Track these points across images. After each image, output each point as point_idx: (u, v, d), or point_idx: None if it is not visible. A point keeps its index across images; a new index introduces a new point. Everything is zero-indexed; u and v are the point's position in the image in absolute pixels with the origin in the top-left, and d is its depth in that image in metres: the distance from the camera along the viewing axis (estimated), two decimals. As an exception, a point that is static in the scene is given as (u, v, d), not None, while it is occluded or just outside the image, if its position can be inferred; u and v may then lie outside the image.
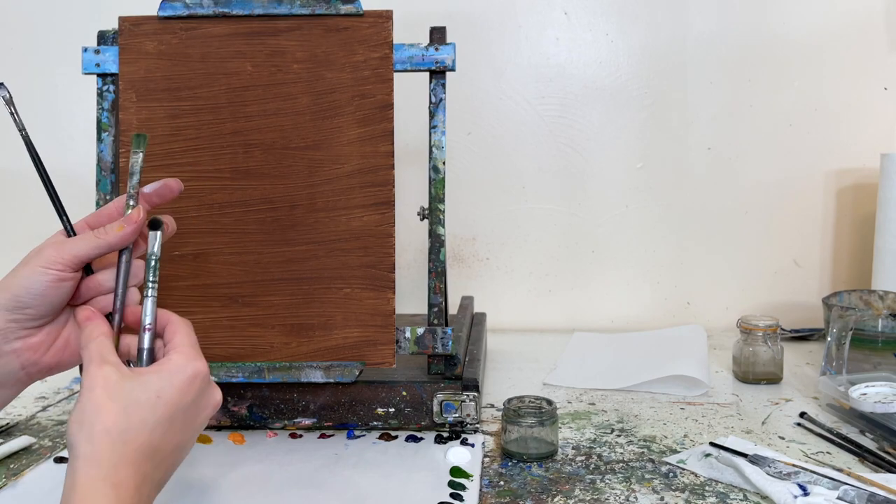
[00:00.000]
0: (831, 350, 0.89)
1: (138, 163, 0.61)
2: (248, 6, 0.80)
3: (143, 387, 0.49)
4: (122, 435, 0.47)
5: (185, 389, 0.51)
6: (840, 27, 1.23)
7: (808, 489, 0.64)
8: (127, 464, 0.47)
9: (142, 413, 0.48)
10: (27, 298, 0.55)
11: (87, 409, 0.47)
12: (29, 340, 0.56)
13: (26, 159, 0.60)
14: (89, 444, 0.47)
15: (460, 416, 0.79)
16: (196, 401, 0.52)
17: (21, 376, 0.57)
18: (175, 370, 0.51)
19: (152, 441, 0.49)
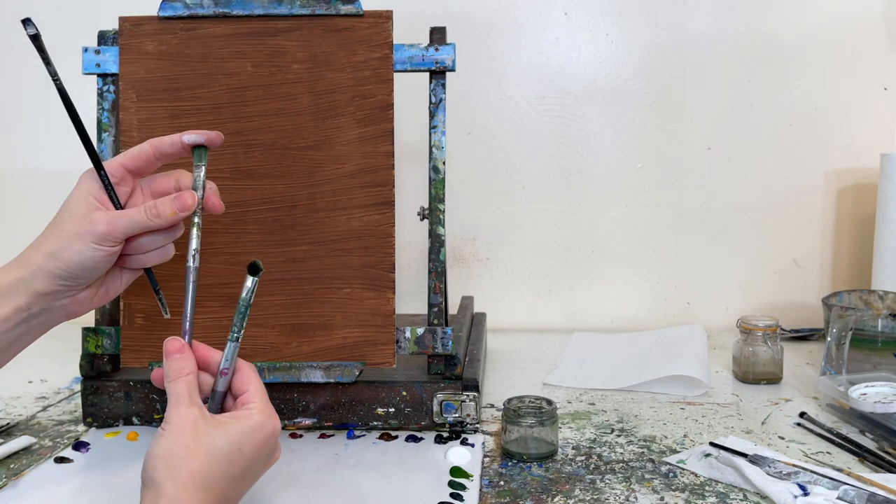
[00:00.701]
0: (831, 350, 0.89)
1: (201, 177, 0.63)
2: (249, 6, 0.80)
3: (227, 437, 0.51)
4: (205, 482, 0.49)
5: (263, 446, 0.53)
6: (840, 27, 1.23)
7: (808, 489, 0.64)
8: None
9: (223, 464, 0.51)
10: (78, 270, 0.59)
11: (176, 450, 0.50)
12: (77, 297, 0.61)
13: (26, 159, 0.60)
14: (174, 486, 0.48)
15: (460, 416, 0.79)
16: (267, 456, 0.55)
17: (63, 320, 0.62)
18: (257, 427, 0.53)
19: (227, 492, 0.51)
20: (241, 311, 0.57)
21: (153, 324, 0.78)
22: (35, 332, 0.61)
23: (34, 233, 0.63)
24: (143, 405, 0.81)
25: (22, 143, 1.31)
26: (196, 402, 0.53)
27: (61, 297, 0.60)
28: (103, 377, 0.82)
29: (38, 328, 0.61)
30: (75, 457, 0.75)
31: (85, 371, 0.81)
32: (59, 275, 0.59)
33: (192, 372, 0.55)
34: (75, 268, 0.59)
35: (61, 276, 0.59)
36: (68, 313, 0.62)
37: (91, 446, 0.77)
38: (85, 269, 0.59)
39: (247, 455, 0.52)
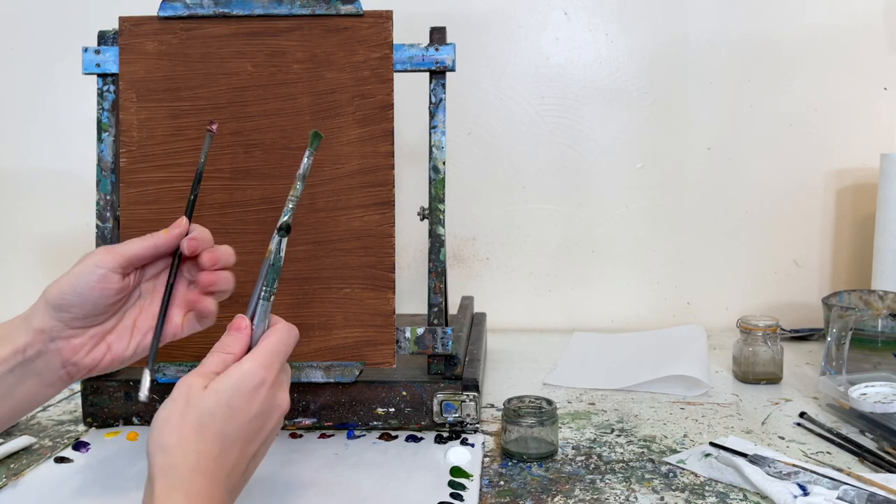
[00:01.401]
0: (831, 350, 0.89)
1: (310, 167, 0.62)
2: (249, 6, 0.80)
3: (215, 396, 0.50)
4: (195, 445, 0.49)
5: (252, 397, 0.52)
6: (840, 27, 1.23)
7: (808, 489, 0.64)
8: (201, 474, 0.48)
9: (214, 424, 0.50)
10: (71, 297, 0.57)
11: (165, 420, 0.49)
12: (72, 341, 0.58)
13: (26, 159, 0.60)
14: (164, 455, 0.48)
15: (460, 416, 0.79)
16: (262, 410, 0.53)
17: (62, 375, 0.59)
18: (245, 376, 0.52)
19: (224, 450, 0.50)
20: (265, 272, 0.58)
21: (153, 324, 0.78)
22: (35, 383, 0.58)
23: (34, 232, 0.63)
24: (143, 405, 0.81)
25: (22, 143, 1.31)
26: (207, 375, 0.52)
27: (56, 338, 0.58)
28: (103, 377, 0.82)
29: (35, 378, 0.58)
30: (75, 457, 0.75)
31: (85, 371, 0.81)
32: (53, 303, 0.57)
33: (232, 353, 0.54)
34: (68, 292, 0.57)
35: (56, 304, 0.57)
36: (63, 362, 0.58)
37: (91, 446, 0.77)
38: (76, 294, 0.57)
39: (237, 409, 0.51)
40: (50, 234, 1.29)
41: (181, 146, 0.79)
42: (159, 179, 0.79)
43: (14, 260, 1.30)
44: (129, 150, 0.79)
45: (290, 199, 0.60)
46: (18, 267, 1.30)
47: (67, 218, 1.27)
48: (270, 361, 0.54)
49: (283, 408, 0.55)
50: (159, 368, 0.77)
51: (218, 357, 0.53)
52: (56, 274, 0.59)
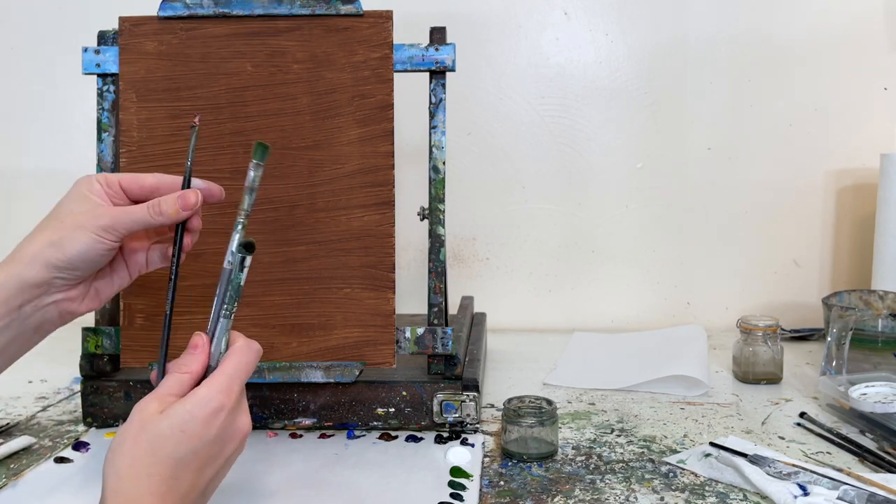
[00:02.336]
0: (831, 350, 0.89)
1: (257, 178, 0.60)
2: (249, 6, 0.80)
3: (169, 420, 0.50)
4: (147, 468, 0.48)
5: (209, 423, 0.51)
6: (840, 27, 1.23)
7: (808, 489, 0.64)
8: (152, 496, 0.48)
9: (167, 448, 0.49)
10: (78, 262, 0.58)
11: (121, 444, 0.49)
12: (69, 293, 0.59)
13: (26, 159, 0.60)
14: (116, 478, 0.48)
15: (460, 416, 0.79)
16: (220, 435, 0.52)
17: (57, 322, 0.60)
18: (200, 403, 0.51)
19: (177, 473, 0.49)
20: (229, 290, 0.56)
21: (153, 324, 0.78)
22: (27, 336, 0.59)
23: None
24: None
25: (22, 143, 1.31)
26: (163, 398, 0.51)
27: (53, 292, 0.58)
28: (103, 377, 0.82)
29: (30, 331, 0.58)
30: (75, 457, 0.75)
31: (85, 371, 0.81)
32: (56, 265, 0.57)
33: (189, 372, 0.54)
34: (75, 258, 0.57)
35: (59, 265, 0.57)
36: (60, 313, 0.59)
37: (91, 446, 0.77)
38: (84, 261, 0.58)
39: (192, 434, 0.50)
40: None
41: (181, 146, 0.79)
42: None
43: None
44: (129, 150, 0.79)
45: (240, 213, 0.58)
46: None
47: (67, 218, 1.27)
48: (229, 386, 0.53)
49: (243, 431, 0.54)
50: (153, 368, 0.77)
51: (174, 378, 0.53)
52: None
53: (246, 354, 0.55)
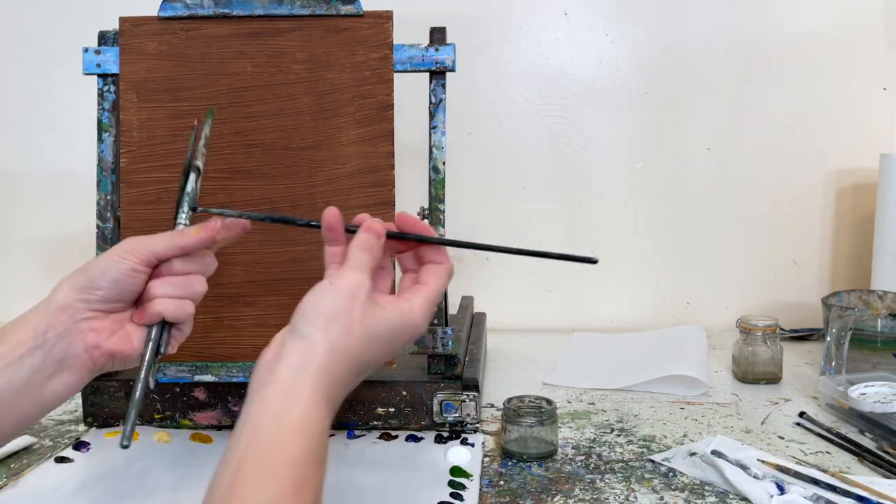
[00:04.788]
0: (831, 350, 0.89)
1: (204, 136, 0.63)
2: (249, 7, 0.80)
3: (387, 326, 0.52)
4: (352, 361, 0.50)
5: (408, 339, 0.54)
6: (840, 27, 1.23)
7: (785, 488, 0.65)
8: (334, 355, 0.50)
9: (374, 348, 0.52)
10: (100, 281, 0.56)
11: (340, 316, 0.50)
12: (94, 323, 0.57)
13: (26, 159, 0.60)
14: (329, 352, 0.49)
15: (460, 415, 0.79)
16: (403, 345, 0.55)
17: (85, 360, 0.57)
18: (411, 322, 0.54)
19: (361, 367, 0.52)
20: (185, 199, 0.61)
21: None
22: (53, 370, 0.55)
23: (34, 232, 0.63)
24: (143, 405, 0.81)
25: (22, 143, 1.31)
26: (370, 276, 0.53)
27: (79, 319, 0.56)
28: (104, 377, 0.81)
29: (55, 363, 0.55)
30: (75, 456, 0.75)
31: (85, 371, 0.81)
32: (78, 285, 0.56)
33: (377, 258, 0.55)
34: (95, 275, 0.57)
35: (80, 285, 0.56)
36: (87, 346, 0.56)
37: (91, 446, 0.78)
38: (103, 277, 0.57)
39: (393, 344, 0.53)
40: (50, 234, 1.29)
41: (181, 146, 0.79)
42: (160, 179, 0.79)
43: (14, 260, 1.30)
44: (129, 151, 0.79)
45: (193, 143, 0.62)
46: (18, 267, 1.30)
47: (67, 218, 1.27)
48: (429, 314, 0.55)
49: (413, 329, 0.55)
50: (159, 368, 0.77)
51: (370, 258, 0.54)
52: (56, 274, 0.59)
53: (447, 281, 0.58)
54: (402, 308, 0.53)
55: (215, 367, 0.76)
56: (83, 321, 0.57)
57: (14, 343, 0.54)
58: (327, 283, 0.52)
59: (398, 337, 0.53)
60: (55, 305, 0.56)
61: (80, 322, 0.56)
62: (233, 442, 0.46)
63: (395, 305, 0.53)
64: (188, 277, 0.60)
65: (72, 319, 0.56)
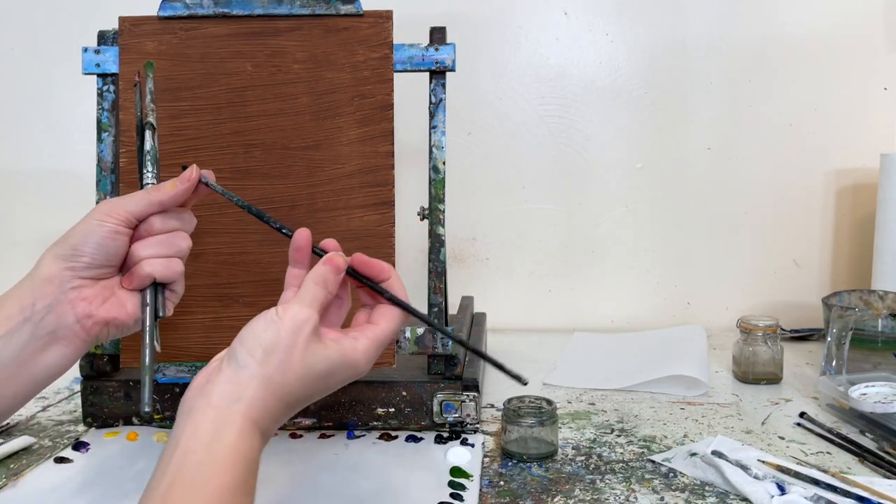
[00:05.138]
0: (831, 350, 0.89)
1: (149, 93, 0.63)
2: (249, 6, 0.80)
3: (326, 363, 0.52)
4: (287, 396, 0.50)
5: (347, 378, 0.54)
6: (840, 27, 1.23)
7: (786, 488, 0.64)
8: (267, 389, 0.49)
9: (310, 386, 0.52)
10: (83, 247, 0.56)
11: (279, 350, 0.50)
12: (83, 291, 0.56)
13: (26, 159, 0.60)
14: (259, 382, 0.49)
15: (460, 416, 0.79)
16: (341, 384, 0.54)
17: (77, 330, 0.56)
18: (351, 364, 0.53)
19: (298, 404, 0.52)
20: None
21: (153, 324, 0.78)
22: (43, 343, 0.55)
23: (34, 232, 0.63)
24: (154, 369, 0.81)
25: (22, 143, 1.30)
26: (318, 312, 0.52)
27: (66, 288, 0.55)
28: (103, 377, 0.82)
29: (46, 336, 0.55)
30: (75, 457, 0.75)
31: (85, 371, 0.81)
32: (61, 253, 0.56)
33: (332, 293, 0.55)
34: (77, 242, 0.56)
35: (64, 253, 0.56)
36: (77, 316, 0.56)
37: (91, 446, 0.77)
38: (87, 245, 0.56)
39: (329, 382, 0.52)
40: (50, 233, 1.28)
41: (181, 146, 0.79)
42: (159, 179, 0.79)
43: (14, 259, 1.30)
44: (128, 150, 0.79)
45: None
46: (18, 266, 1.28)
47: (67, 218, 1.26)
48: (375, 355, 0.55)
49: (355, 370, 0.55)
50: (159, 369, 0.77)
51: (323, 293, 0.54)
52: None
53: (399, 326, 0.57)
54: (345, 348, 0.53)
55: (215, 368, 0.76)
56: (71, 290, 0.56)
57: (1, 318, 0.53)
58: (274, 313, 0.51)
59: (336, 375, 0.53)
60: (40, 277, 0.55)
61: (69, 292, 0.56)
62: (163, 463, 0.45)
63: (340, 344, 0.53)
64: (171, 235, 0.59)
65: (59, 290, 0.55)
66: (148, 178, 0.61)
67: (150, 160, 0.62)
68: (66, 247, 0.56)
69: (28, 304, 0.54)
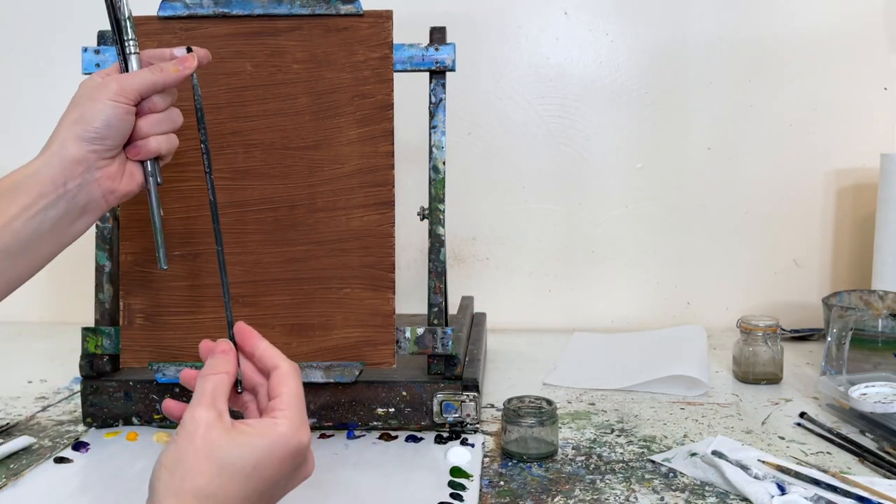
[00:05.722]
0: (831, 350, 0.89)
1: None
2: (248, 6, 0.80)
3: (242, 452, 0.46)
4: (208, 499, 0.44)
5: (284, 464, 0.47)
6: (840, 27, 1.23)
7: (786, 488, 0.64)
8: None
9: (235, 483, 0.45)
10: (104, 130, 0.60)
11: (183, 460, 0.45)
12: (107, 170, 0.61)
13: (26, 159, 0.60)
14: (175, 500, 0.44)
15: (460, 416, 0.79)
16: (290, 475, 0.48)
17: (101, 203, 0.62)
18: (280, 442, 0.47)
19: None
20: None
21: (153, 324, 0.78)
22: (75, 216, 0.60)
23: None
24: (142, 405, 0.81)
25: (22, 143, 1.30)
26: (218, 405, 0.47)
27: (93, 168, 0.60)
28: (103, 377, 0.82)
29: (78, 210, 0.60)
30: (75, 457, 0.75)
31: (85, 371, 0.81)
32: (85, 137, 0.59)
33: (226, 372, 0.50)
34: (100, 126, 0.60)
35: (87, 137, 0.59)
36: (103, 193, 0.61)
37: (91, 446, 0.77)
38: (108, 127, 0.60)
39: (264, 475, 0.46)
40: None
41: (181, 146, 0.78)
42: None
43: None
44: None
45: None
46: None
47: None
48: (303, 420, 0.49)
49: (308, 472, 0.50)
50: (159, 368, 0.77)
51: (212, 381, 0.49)
52: (56, 274, 0.59)
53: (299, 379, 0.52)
54: (263, 430, 0.47)
55: (215, 368, 0.76)
56: (97, 170, 0.61)
57: (36, 195, 0.58)
58: (174, 433, 0.47)
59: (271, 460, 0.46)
60: (69, 158, 0.59)
61: (95, 171, 0.60)
62: None
63: (256, 428, 0.47)
64: (170, 111, 0.64)
65: (87, 170, 0.60)
66: (130, 47, 0.64)
67: (131, 26, 0.64)
68: (90, 130, 0.60)
69: (60, 181, 0.59)
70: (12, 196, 0.57)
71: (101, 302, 0.80)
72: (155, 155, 0.64)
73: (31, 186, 0.58)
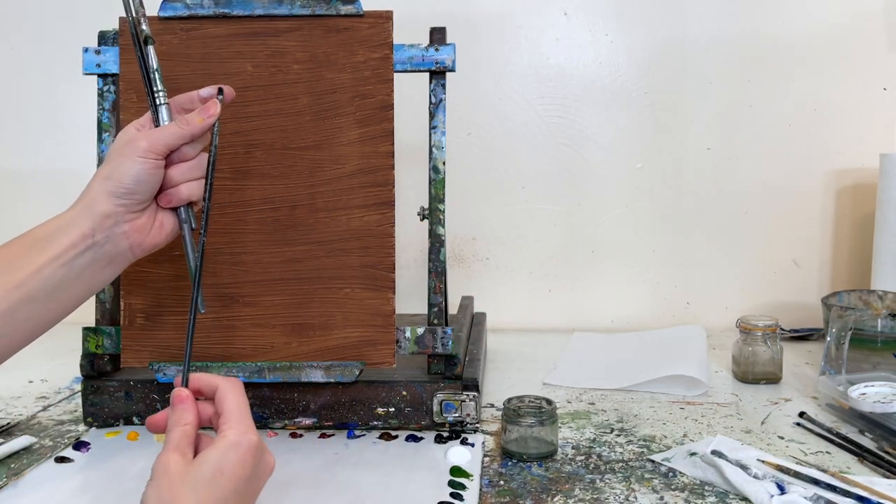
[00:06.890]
0: (831, 350, 0.89)
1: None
2: (249, 7, 0.80)
3: (206, 465, 0.50)
4: None
5: (243, 463, 0.52)
6: (840, 27, 1.23)
7: (786, 488, 0.65)
8: None
9: (210, 492, 0.50)
10: (133, 185, 0.62)
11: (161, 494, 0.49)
12: (135, 223, 0.64)
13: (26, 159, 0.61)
14: None
15: (460, 415, 0.79)
16: (254, 472, 0.53)
17: (128, 255, 0.65)
18: (231, 446, 0.52)
19: None
20: None
21: (154, 324, 0.78)
22: (101, 265, 0.63)
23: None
24: (143, 405, 0.82)
25: (22, 143, 1.31)
26: (181, 449, 0.52)
27: (121, 222, 0.63)
28: (103, 377, 0.82)
29: (105, 260, 0.63)
30: (76, 456, 0.75)
31: (85, 371, 0.81)
32: (115, 192, 0.62)
33: (189, 423, 0.54)
34: (128, 182, 0.62)
35: (117, 192, 0.62)
36: (131, 244, 0.64)
37: (91, 446, 0.78)
38: (137, 182, 0.62)
39: (229, 475, 0.51)
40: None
41: (181, 146, 0.79)
42: None
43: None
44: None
45: None
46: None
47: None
48: (249, 424, 0.54)
49: (271, 466, 0.55)
50: (159, 368, 0.77)
51: (179, 431, 0.53)
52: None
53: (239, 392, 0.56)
54: (216, 444, 0.52)
55: (215, 367, 0.76)
56: (125, 224, 0.63)
57: (67, 245, 0.61)
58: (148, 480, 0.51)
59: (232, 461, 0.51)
60: (99, 213, 0.62)
61: (123, 224, 0.63)
62: None
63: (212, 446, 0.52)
64: (200, 157, 0.67)
65: (116, 224, 0.63)
66: (160, 98, 0.66)
67: (160, 78, 0.66)
68: (119, 186, 0.62)
69: (89, 233, 0.61)
70: (44, 245, 0.61)
71: (102, 302, 0.81)
72: (186, 201, 0.66)
73: (63, 237, 0.61)
